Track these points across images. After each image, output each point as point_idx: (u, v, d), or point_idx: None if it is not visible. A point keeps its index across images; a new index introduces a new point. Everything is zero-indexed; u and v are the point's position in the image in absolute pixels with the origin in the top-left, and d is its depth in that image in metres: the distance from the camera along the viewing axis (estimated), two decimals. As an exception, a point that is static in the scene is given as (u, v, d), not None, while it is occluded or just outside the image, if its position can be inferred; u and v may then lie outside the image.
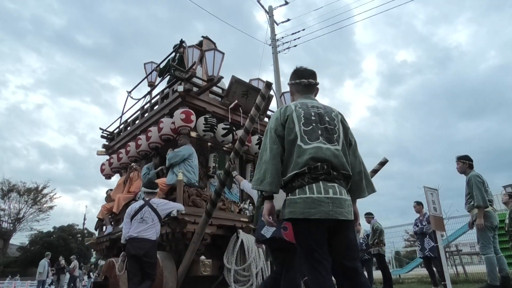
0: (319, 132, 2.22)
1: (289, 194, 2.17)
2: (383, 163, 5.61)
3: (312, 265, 2.03)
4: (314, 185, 2.08)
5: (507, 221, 6.25)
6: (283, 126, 2.29)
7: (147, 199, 4.68)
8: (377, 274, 10.10)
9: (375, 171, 5.73)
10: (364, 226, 9.41)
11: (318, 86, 2.61)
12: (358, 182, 2.30)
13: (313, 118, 2.28)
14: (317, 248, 2.04)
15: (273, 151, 2.23)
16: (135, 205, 4.67)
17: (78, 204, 75.02)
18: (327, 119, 2.30)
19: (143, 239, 4.36)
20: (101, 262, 8.28)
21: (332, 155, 2.15)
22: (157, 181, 5.35)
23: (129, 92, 7.67)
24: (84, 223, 36.79)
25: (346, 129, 2.37)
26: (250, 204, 5.65)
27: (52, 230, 35.72)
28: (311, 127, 2.24)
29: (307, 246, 2.07)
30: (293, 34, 14.11)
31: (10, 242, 33.80)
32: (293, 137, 2.23)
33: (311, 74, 2.56)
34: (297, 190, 2.12)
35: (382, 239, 8.12)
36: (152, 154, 6.17)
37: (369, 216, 8.55)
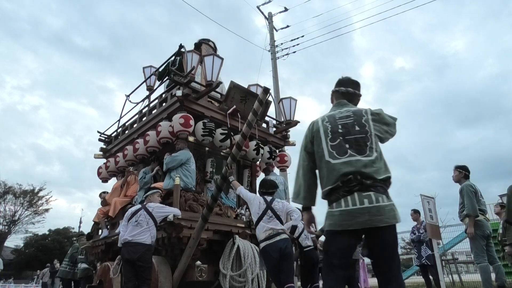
0: (347, 145, 2.24)
1: (328, 207, 2.26)
2: None
3: (330, 271, 2.17)
4: (349, 197, 2.13)
5: (500, 231, 6.26)
6: (312, 143, 2.40)
7: (144, 203, 4.67)
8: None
9: None
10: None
11: (359, 97, 2.61)
12: None
13: (340, 131, 2.30)
14: (339, 257, 2.16)
15: (304, 168, 2.39)
16: (132, 209, 4.69)
17: (73, 207, 74.71)
18: (357, 128, 2.29)
19: (137, 243, 4.34)
20: (82, 266, 8.20)
21: (362, 166, 2.17)
22: (154, 185, 5.35)
23: (128, 96, 7.66)
24: (80, 226, 36.50)
25: (381, 129, 2.35)
26: (247, 210, 5.64)
27: (47, 233, 35.51)
28: (338, 141, 2.28)
29: (332, 254, 2.19)
30: (292, 40, 14.18)
31: (5, 244, 33.51)
32: (321, 153, 2.30)
33: (352, 83, 2.59)
34: (334, 204, 2.20)
35: None
36: (151, 158, 6.16)
37: None
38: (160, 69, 7.24)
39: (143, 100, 7.28)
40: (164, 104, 6.01)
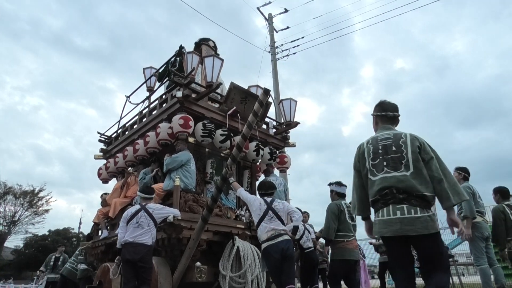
0: (384, 163, 2.59)
1: (374, 217, 2.67)
2: None
3: (394, 271, 2.63)
4: (385, 209, 2.50)
5: None
6: (359, 162, 2.78)
7: (143, 204, 4.66)
8: (373, 283, 10.04)
9: None
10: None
11: (399, 118, 2.95)
12: (440, 191, 2.50)
13: (380, 151, 2.65)
14: (394, 260, 2.56)
15: (355, 184, 2.82)
16: (131, 210, 4.65)
17: (73, 208, 74.68)
18: (393, 148, 2.61)
19: (139, 243, 4.33)
20: (81, 266, 8.13)
21: (397, 181, 2.49)
22: (153, 186, 5.34)
23: (128, 97, 7.67)
24: (79, 227, 36.50)
25: (416, 152, 2.57)
26: (247, 211, 5.64)
27: (47, 233, 35.46)
28: (378, 160, 2.64)
29: (389, 257, 2.63)
30: (292, 41, 14.19)
31: (5, 245, 33.48)
32: (365, 172, 2.71)
33: (396, 108, 2.92)
34: (375, 214, 2.62)
35: None
36: (151, 159, 6.16)
37: None
38: (160, 70, 7.25)
39: (143, 101, 7.29)
40: (164, 105, 6.02)
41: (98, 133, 7.89)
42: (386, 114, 2.88)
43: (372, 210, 2.77)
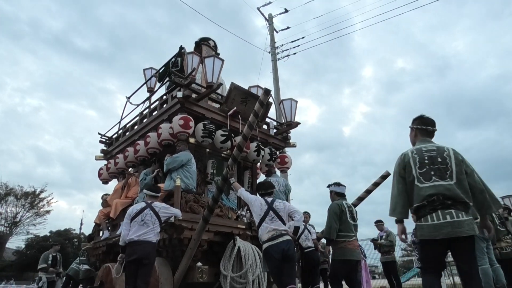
0: (432, 172, 2.85)
1: (418, 221, 2.86)
2: (385, 176, 5.64)
3: (426, 272, 2.80)
4: (434, 214, 2.73)
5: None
6: (404, 170, 3.01)
7: (149, 202, 4.63)
8: (374, 283, 10.04)
9: (376, 184, 5.74)
10: (373, 234, 9.47)
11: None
12: (482, 200, 2.84)
13: (426, 161, 2.91)
14: (430, 261, 2.79)
15: (399, 189, 3.01)
16: (136, 207, 4.60)
17: (74, 209, 74.72)
18: (439, 160, 2.89)
19: (145, 241, 4.31)
20: (83, 267, 8.03)
21: (444, 189, 2.76)
22: (155, 186, 5.34)
23: (128, 98, 7.68)
24: (81, 228, 36.55)
25: (460, 164, 2.89)
26: (248, 211, 5.64)
27: (48, 234, 35.51)
28: (425, 169, 2.88)
29: (425, 259, 2.84)
30: (292, 42, 14.19)
31: (6, 246, 33.53)
32: (412, 179, 2.92)
33: (434, 123, 3.21)
34: (422, 219, 2.80)
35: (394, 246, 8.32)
36: (151, 160, 6.17)
37: (380, 223, 8.66)
38: (161, 71, 7.26)
39: (143, 102, 7.30)
40: (164, 105, 6.03)
41: (99, 134, 7.91)
42: (426, 128, 3.18)
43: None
